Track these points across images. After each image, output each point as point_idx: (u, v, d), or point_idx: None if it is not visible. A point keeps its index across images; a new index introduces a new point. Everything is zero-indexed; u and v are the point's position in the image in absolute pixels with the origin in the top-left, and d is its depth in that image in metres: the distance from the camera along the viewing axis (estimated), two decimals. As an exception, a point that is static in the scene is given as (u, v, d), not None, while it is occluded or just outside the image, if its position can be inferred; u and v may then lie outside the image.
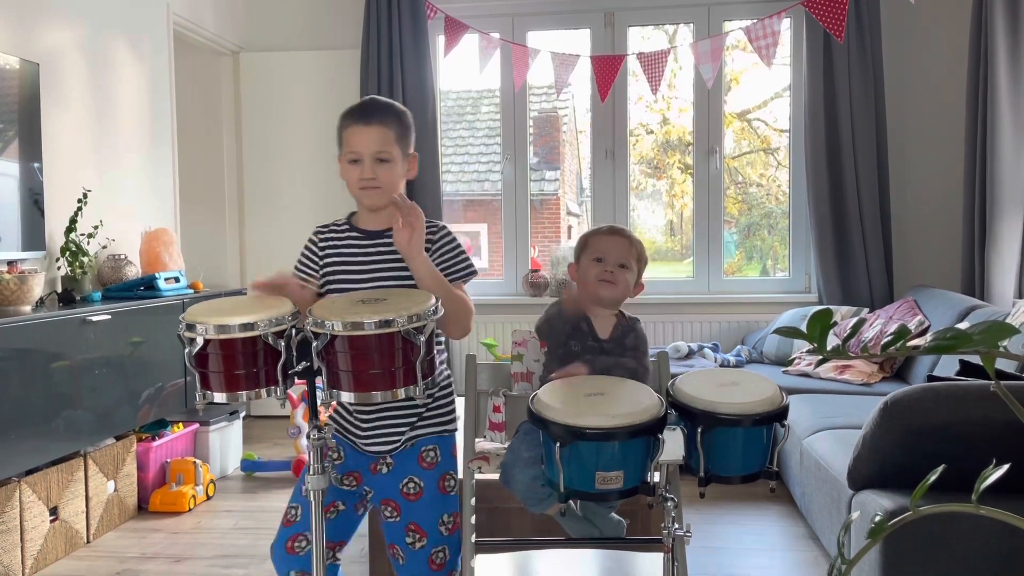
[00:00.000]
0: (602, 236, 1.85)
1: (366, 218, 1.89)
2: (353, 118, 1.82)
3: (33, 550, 2.88)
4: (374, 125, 1.80)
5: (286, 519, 1.83)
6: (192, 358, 1.53)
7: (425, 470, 1.83)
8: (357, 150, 1.80)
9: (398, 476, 1.82)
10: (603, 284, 1.80)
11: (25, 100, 3.24)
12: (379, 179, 1.80)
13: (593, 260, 1.82)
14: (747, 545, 3.02)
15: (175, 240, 4.01)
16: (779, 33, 4.45)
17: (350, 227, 1.90)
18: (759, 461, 1.56)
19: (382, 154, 1.80)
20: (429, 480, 1.82)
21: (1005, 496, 1.33)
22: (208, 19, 4.75)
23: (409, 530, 1.80)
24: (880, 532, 0.87)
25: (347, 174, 1.83)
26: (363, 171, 1.79)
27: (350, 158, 1.81)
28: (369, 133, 1.79)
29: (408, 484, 1.81)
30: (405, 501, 1.81)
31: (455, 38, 4.70)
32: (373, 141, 1.79)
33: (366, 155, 1.79)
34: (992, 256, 4.03)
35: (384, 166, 1.80)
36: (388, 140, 1.81)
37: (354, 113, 1.84)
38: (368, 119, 1.81)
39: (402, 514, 1.81)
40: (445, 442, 1.88)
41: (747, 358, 4.39)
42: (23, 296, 2.93)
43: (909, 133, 4.68)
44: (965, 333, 0.81)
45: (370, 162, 1.79)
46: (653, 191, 6.60)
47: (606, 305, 1.83)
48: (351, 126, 1.82)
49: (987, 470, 0.86)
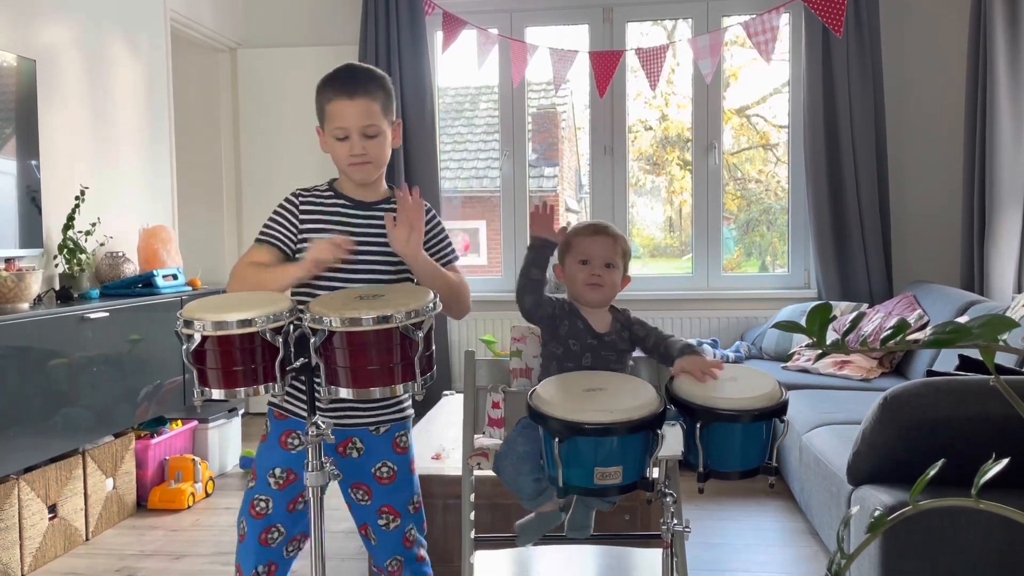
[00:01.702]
0: (586, 237, 1.81)
1: (353, 188, 1.82)
2: (335, 90, 1.74)
3: (32, 548, 2.88)
4: (359, 98, 1.72)
5: (254, 511, 1.79)
6: (190, 355, 1.52)
7: (398, 455, 1.84)
8: (344, 126, 1.73)
9: (371, 460, 1.82)
10: (592, 288, 1.78)
11: (22, 97, 3.23)
12: (369, 154, 1.75)
13: (579, 263, 1.80)
14: (746, 540, 3.02)
15: (173, 237, 4.00)
16: (778, 28, 4.44)
17: (335, 193, 1.83)
18: (758, 457, 1.56)
19: (370, 128, 1.74)
20: (402, 464, 1.84)
21: (1005, 491, 1.33)
22: (206, 15, 4.74)
23: (382, 512, 1.82)
24: (879, 527, 0.87)
25: (334, 149, 1.77)
26: (352, 147, 1.74)
27: (337, 135, 1.75)
28: (355, 107, 1.72)
29: (381, 468, 1.82)
30: (378, 485, 1.82)
31: (453, 34, 4.69)
32: (360, 115, 1.73)
33: (353, 130, 1.73)
34: (991, 251, 4.03)
35: (373, 140, 1.75)
36: (375, 113, 1.74)
37: (336, 85, 1.75)
38: (352, 92, 1.72)
39: (374, 497, 1.82)
40: (408, 426, 1.90)
41: (746, 354, 4.39)
42: (21, 294, 2.92)
43: (908, 128, 4.67)
44: (964, 327, 0.81)
45: (358, 137, 1.74)
46: (652, 187, 6.59)
47: (596, 307, 1.82)
48: (334, 100, 1.74)
49: (986, 465, 0.86)
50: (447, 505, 2.43)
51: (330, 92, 1.75)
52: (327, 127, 1.77)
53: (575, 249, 1.81)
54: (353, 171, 1.78)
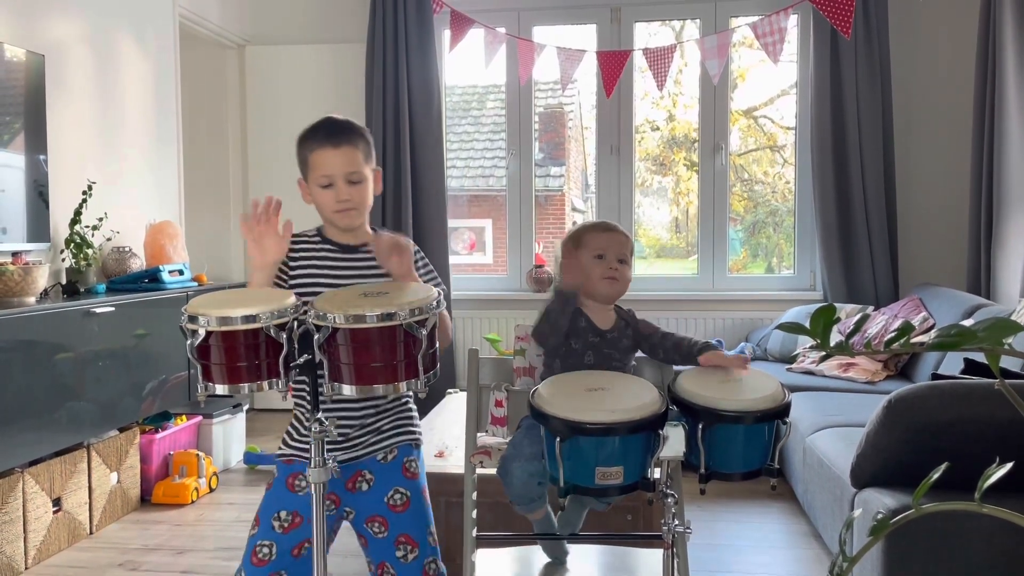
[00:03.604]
0: (599, 233, 1.83)
1: (338, 234, 1.86)
2: (319, 141, 1.79)
3: (36, 541, 2.89)
4: (343, 147, 1.78)
5: (256, 558, 1.74)
6: (194, 350, 1.52)
7: (409, 480, 1.80)
8: (329, 173, 1.77)
9: (382, 490, 1.78)
10: (609, 282, 1.79)
11: (31, 92, 3.24)
12: (353, 200, 1.79)
13: (595, 257, 1.81)
14: (749, 542, 3.01)
15: (179, 233, 4.01)
16: (786, 30, 4.43)
17: (322, 239, 1.87)
18: (760, 458, 1.55)
19: (354, 175, 1.78)
20: (414, 490, 1.80)
21: (1008, 494, 1.33)
22: (214, 12, 4.75)
23: (399, 543, 1.76)
24: (882, 530, 0.87)
25: (319, 198, 1.80)
26: (338, 193, 1.78)
27: (322, 183, 1.79)
28: (339, 156, 1.77)
29: (394, 496, 1.78)
30: (392, 514, 1.77)
31: (461, 32, 4.69)
32: (344, 163, 1.77)
33: (338, 177, 1.77)
34: (998, 254, 4.01)
35: (357, 187, 1.79)
36: (358, 161, 1.79)
37: (319, 136, 1.80)
38: (337, 141, 1.78)
39: (390, 528, 1.77)
40: (420, 451, 1.87)
41: (751, 355, 4.38)
42: (27, 287, 2.94)
43: (916, 131, 4.66)
44: (969, 330, 0.81)
45: (343, 184, 1.78)
46: (658, 188, 6.59)
47: (610, 302, 1.82)
48: (318, 150, 1.78)
49: (990, 468, 0.85)
50: (449, 503, 2.43)
51: (314, 143, 1.80)
52: (311, 176, 1.81)
53: (589, 244, 1.82)
54: (339, 218, 1.81)
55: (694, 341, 1.78)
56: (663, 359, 1.85)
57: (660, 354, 1.83)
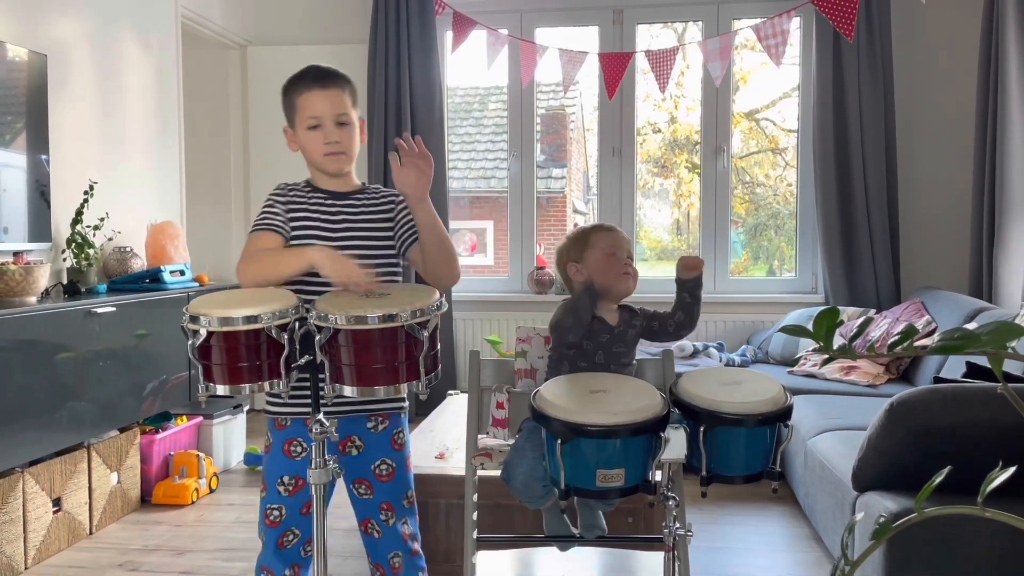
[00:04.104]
0: (605, 232, 1.87)
1: (327, 181, 1.87)
2: (307, 84, 1.79)
3: (36, 541, 2.89)
4: (331, 89, 1.78)
5: (269, 520, 1.82)
6: (195, 350, 1.52)
7: (396, 451, 1.86)
8: (317, 114, 1.78)
9: (370, 458, 1.84)
10: (626, 277, 1.83)
11: (33, 92, 3.24)
12: (342, 143, 1.80)
13: (608, 255, 1.83)
14: (750, 545, 3.01)
15: (181, 233, 4.01)
16: (788, 32, 4.43)
17: (312, 188, 1.88)
18: (762, 461, 1.55)
19: (343, 116, 1.79)
20: (399, 461, 1.86)
21: (1011, 499, 1.32)
22: (216, 12, 4.75)
23: (382, 508, 1.84)
24: (884, 533, 0.86)
25: (307, 141, 1.81)
26: (327, 135, 1.78)
27: (309, 124, 1.79)
28: (327, 97, 1.77)
29: (380, 466, 1.84)
30: (378, 482, 1.84)
31: (463, 34, 4.69)
32: (333, 104, 1.78)
33: (327, 118, 1.78)
34: (1000, 258, 4.01)
35: (345, 129, 1.80)
36: (345, 103, 1.79)
37: (307, 79, 1.80)
38: (325, 83, 1.78)
39: (375, 494, 1.84)
40: (404, 421, 1.92)
41: (752, 358, 4.38)
42: (28, 287, 2.94)
43: (918, 134, 4.66)
44: (972, 333, 0.80)
45: (332, 125, 1.78)
46: (660, 190, 6.59)
47: (625, 297, 1.85)
48: (305, 91, 1.78)
49: (993, 472, 0.85)
50: (450, 505, 2.42)
51: (301, 86, 1.80)
52: (298, 119, 1.81)
53: (599, 243, 1.84)
54: (328, 161, 1.82)
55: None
56: (676, 327, 1.85)
57: (671, 326, 1.86)
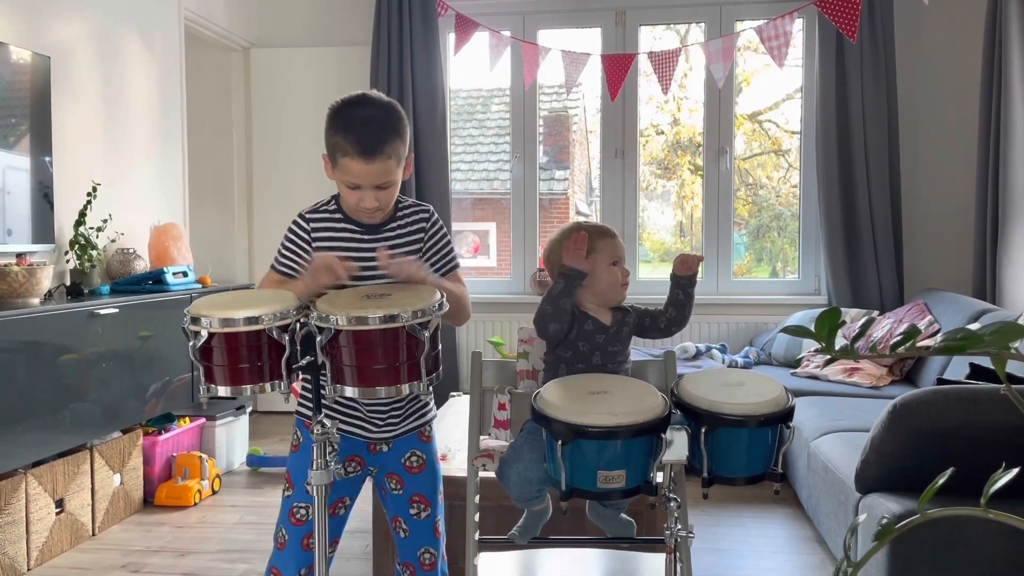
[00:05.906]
0: (609, 239, 1.83)
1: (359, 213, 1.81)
2: (352, 149, 1.64)
3: (38, 542, 2.89)
4: (376, 162, 1.65)
5: (294, 518, 1.81)
6: (196, 351, 1.52)
7: (425, 443, 1.89)
8: (358, 182, 1.69)
9: (400, 452, 1.86)
10: (624, 288, 1.84)
11: (36, 93, 3.25)
12: (381, 203, 1.73)
13: (610, 264, 1.82)
14: (752, 547, 3.00)
15: (184, 235, 4.02)
16: (791, 34, 4.42)
17: (343, 217, 1.79)
18: (764, 463, 1.54)
19: (385, 183, 1.70)
20: (429, 453, 1.89)
21: (1014, 500, 1.32)
22: (219, 14, 4.76)
23: (413, 501, 1.85)
24: (887, 535, 0.86)
25: (344, 191, 1.74)
26: (364, 200, 1.70)
27: (348, 184, 1.70)
28: (371, 169, 1.66)
29: (411, 458, 1.86)
30: (408, 474, 1.86)
31: (465, 36, 4.69)
32: (376, 176, 1.67)
33: (368, 186, 1.69)
34: (1004, 260, 4.00)
35: (386, 191, 1.72)
36: (390, 170, 1.68)
37: (351, 145, 1.64)
38: (371, 156, 1.64)
39: (406, 486, 1.86)
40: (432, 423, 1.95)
41: (755, 359, 4.37)
42: (32, 288, 2.94)
43: (921, 135, 4.65)
44: (975, 334, 0.80)
45: (371, 190, 1.70)
46: (663, 192, 6.58)
47: (618, 304, 1.85)
48: (347, 158, 1.65)
49: (996, 474, 0.85)
50: (452, 506, 2.41)
51: (347, 145, 1.65)
52: (337, 172, 1.71)
53: (605, 251, 1.82)
54: (361, 214, 1.77)
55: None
56: (667, 323, 1.86)
57: (662, 323, 1.87)
